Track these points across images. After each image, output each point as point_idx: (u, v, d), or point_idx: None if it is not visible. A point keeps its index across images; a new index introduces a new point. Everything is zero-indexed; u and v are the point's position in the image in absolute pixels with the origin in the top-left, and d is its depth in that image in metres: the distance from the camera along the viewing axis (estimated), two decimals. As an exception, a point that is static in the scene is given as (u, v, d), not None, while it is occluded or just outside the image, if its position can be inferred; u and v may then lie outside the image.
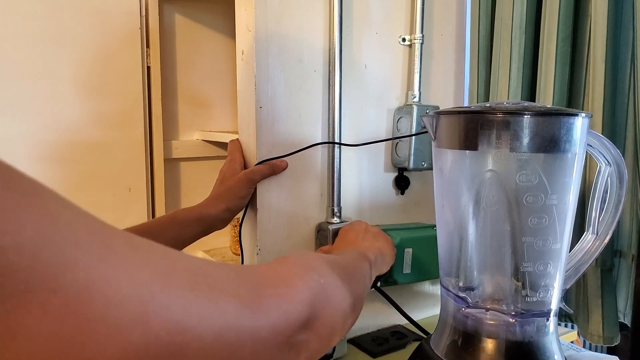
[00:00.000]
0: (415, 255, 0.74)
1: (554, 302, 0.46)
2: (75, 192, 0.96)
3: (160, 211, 1.06)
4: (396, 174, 0.82)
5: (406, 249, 0.73)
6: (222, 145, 1.14)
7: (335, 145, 0.72)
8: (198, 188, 1.15)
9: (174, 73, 1.10)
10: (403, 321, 0.82)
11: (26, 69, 0.90)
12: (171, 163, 1.10)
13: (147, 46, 1.01)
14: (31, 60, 0.90)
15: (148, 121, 1.03)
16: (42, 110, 0.92)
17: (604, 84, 0.63)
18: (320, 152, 0.74)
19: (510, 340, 0.45)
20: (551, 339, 0.45)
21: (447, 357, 0.46)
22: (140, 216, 1.03)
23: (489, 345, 0.45)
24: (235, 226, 1.11)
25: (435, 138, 0.48)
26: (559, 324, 0.81)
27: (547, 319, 0.45)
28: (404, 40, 0.79)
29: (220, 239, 1.17)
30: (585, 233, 0.50)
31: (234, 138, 0.75)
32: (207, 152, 1.14)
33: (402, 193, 0.83)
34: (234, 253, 1.13)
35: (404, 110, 0.78)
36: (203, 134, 1.12)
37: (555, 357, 0.45)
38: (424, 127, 0.75)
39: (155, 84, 1.02)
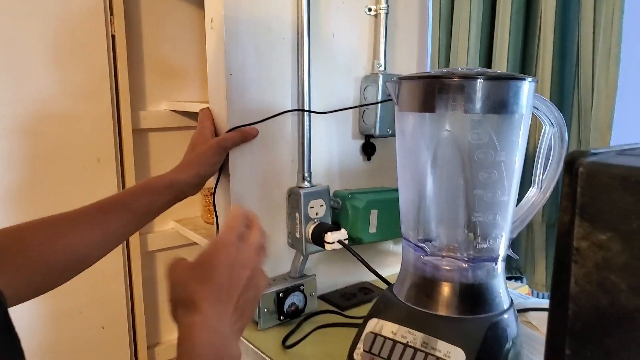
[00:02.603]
0: (380, 216, 0.79)
1: (502, 249, 0.51)
2: (44, 164, 0.96)
3: (130, 182, 1.07)
4: (363, 141, 0.86)
5: (372, 210, 0.78)
6: (191, 115, 1.14)
7: (305, 112, 0.75)
8: (168, 159, 1.15)
9: (139, 42, 1.09)
10: (369, 278, 0.88)
11: (-14, 37, 0.88)
12: (140, 134, 1.10)
13: (111, 14, 1.00)
14: (-9, 28, 0.88)
15: (115, 91, 1.02)
16: (6, 82, 0.90)
17: (553, 53, 0.68)
18: (290, 120, 0.76)
19: (464, 283, 0.50)
20: (499, 281, 0.51)
21: (408, 301, 0.51)
22: (110, 187, 1.03)
23: (445, 288, 0.50)
24: (207, 196, 1.13)
25: (397, 102, 0.52)
26: (512, 278, 0.88)
27: (496, 264, 0.51)
28: (369, 10, 0.81)
29: (192, 209, 1.19)
30: (530, 188, 0.55)
31: (204, 107, 0.76)
32: (176, 122, 1.14)
33: (369, 159, 0.87)
34: (205, 222, 1.15)
35: (370, 79, 0.81)
36: (171, 104, 1.12)
37: (502, 295, 0.50)
38: (390, 95, 0.79)
39: (120, 53, 1.02)
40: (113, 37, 1.01)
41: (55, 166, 0.97)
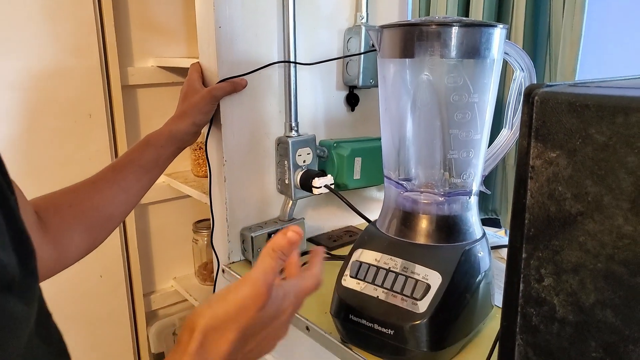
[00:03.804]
0: (364, 163, 0.83)
1: (475, 184, 0.56)
2: (36, 119, 0.97)
3: (121, 137, 1.09)
4: (347, 92, 0.89)
5: (356, 158, 0.83)
6: (179, 71, 1.16)
7: (291, 64, 0.78)
8: (157, 114, 1.17)
9: (124, -2, 1.08)
10: (354, 222, 0.94)
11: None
12: (129, 90, 1.12)
13: (94, -33, 0.99)
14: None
15: (102, 47, 1.03)
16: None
17: (526, 3, 0.72)
18: (277, 72, 0.79)
19: (440, 215, 0.55)
20: (472, 214, 0.56)
21: (389, 232, 0.56)
22: (102, 142, 1.06)
23: (423, 219, 0.55)
24: (196, 150, 1.16)
25: (379, 50, 0.56)
26: (489, 221, 0.94)
27: (469, 198, 0.56)
28: (352, -38, 0.83)
29: (182, 163, 1.22)
30: (502, 129, 0.60)
31: (195, 62, 0.79)
32: (163, 78, 1.16)
33: (353, 110, 0.91)
34: (195, 175, 1.19)
35: (353, 30, 0.84)
36: (158, 60, 1.13)
37: (474, 226, 0.56)
38: (372, 47, 0.82)
39: (106, 7, 1.02)
40: (97, -10, 1.00)
41: (48, 121, 0.99)
